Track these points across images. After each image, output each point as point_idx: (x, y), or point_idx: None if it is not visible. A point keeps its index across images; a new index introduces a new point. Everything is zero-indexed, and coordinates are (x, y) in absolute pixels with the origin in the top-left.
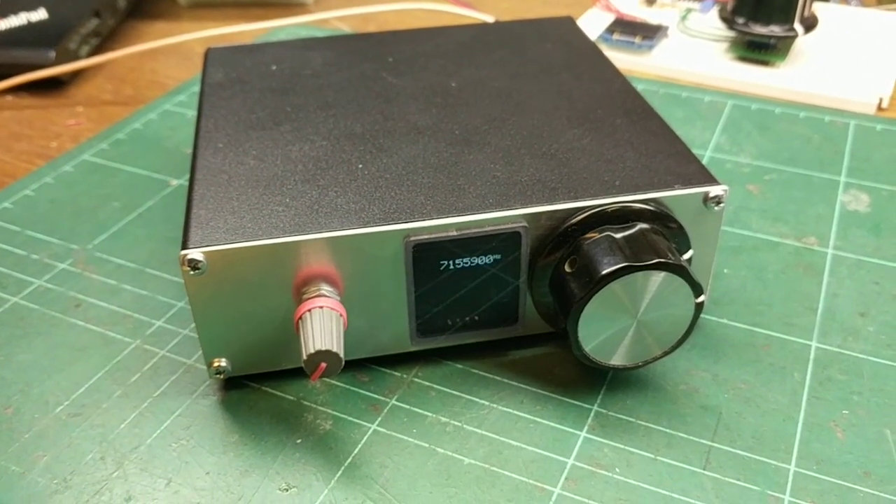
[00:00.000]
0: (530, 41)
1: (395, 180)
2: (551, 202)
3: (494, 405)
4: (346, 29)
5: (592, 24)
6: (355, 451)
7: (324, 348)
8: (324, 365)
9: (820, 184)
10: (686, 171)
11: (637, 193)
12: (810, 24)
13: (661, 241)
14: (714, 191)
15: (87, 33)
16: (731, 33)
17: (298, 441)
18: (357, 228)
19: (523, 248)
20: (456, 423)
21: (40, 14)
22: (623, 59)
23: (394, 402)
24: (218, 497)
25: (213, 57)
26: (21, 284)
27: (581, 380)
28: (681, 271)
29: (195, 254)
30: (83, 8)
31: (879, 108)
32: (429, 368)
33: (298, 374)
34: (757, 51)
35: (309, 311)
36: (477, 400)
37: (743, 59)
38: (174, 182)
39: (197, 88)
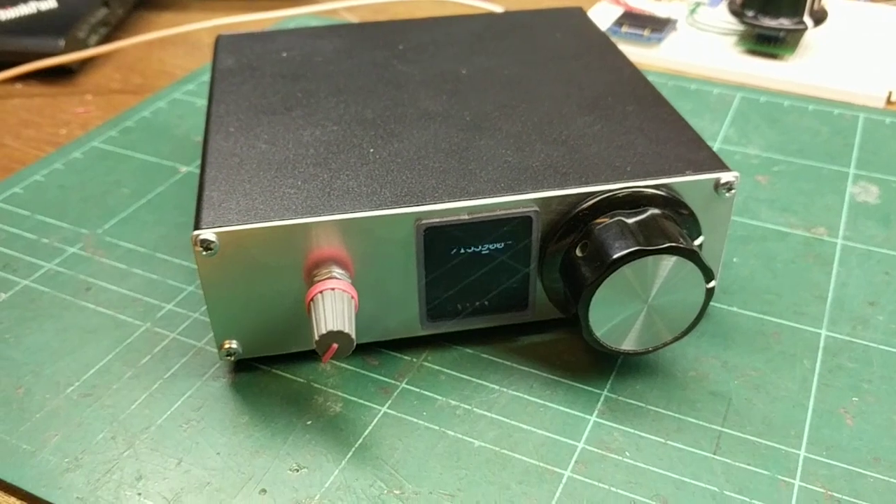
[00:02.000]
0: (540, 30)
1: (406, 164)
2: (562, 187)
3: (504, 389)
4: (355, 20)
5: (601, 17)
6: (365, 433)
7: (336, 329)
8: (335, 346)
9: (829, 175)
10: (697, 158)
11: (648, 179)
12: (820, 17)
13: (673, 227)
14: (725, 177)
15: (97, 22)
16: (741, 26)
17: (309, 423)
18: (368, 211)
19: (534, 233)
20: (466, 406)
21: (50, 3)
22: (632, 52)
23: (404, 385)
24: (228, 477)
25: (224, 43)
26: (32, 268)
27: (591, 365)
28: (692, 256)
29: (208, 234)
30: None
31: (888, 102)
32: (439, 353)
33: (308, 356)
34: (766, 44)
35: (321, 292)
36: (487, 384)
37: (752, 52)
38: (183, 169)
39: (205, 78)
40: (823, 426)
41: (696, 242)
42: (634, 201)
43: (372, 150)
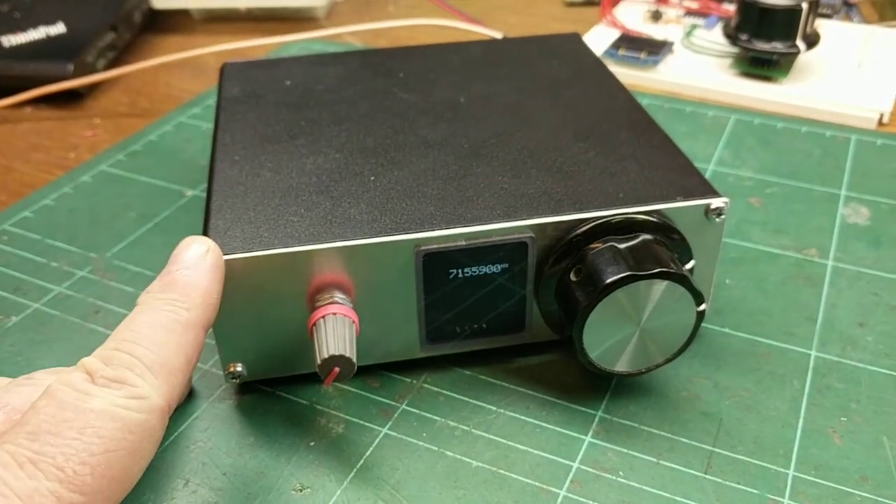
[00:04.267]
0: (537, 57)
1: (405, 192)
2: (557, 213)
3: (502, 410)
4: (358, 44)
5: (599, 40)
6: (367, 454)
7: (337, 353)
8: (337, 369)
9: (821, 197)
10: (688, 184)
11: (640, 205)
12: (812, 40)
13: (664, 252)
14: (715, 203)
15: (104, 47)
16: (735, 49)
17: (312, 444)
18: (369, 238)
19: (530, 258)
20: (464, 427)
21: (59, 28)
22: (628, 75)
23: (404, 406)
24: (234, 497)
25: (230, 71)
26: (41, 291)
27: (586, 386)
28: (682, 280)
29: None
30: (100, 22)
31: (880, 124)
32: (438, 374)
33: (311, 379)
34: (760, 66)
35: (323, 317)
36: (484, 405)
37: (746, 74)
38: (189, 192)
39: (211, 101)
40: (812, 445)
41: (687, 266)
42: (627, 227)
43: (373, 178)
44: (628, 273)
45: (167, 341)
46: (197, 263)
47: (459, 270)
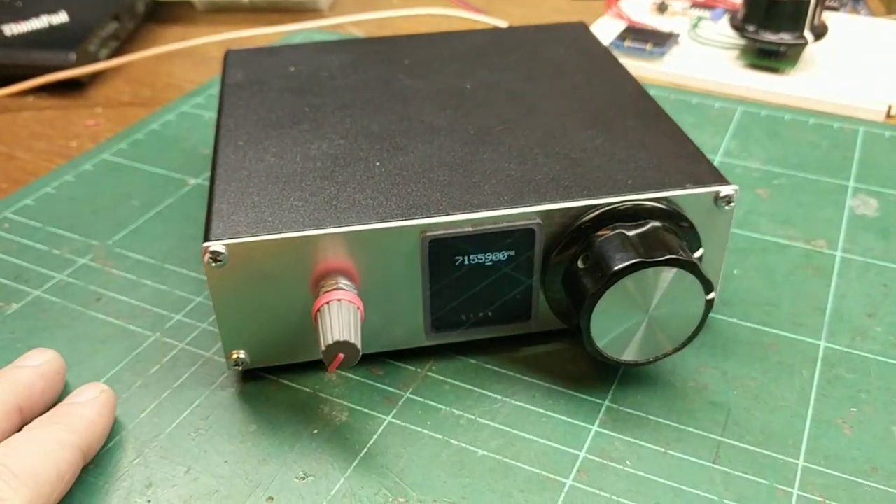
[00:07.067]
0: (544, 45)
1: (411, 177)
2: (565, 200)
3: (507, 399)
4: (361, 34)
5: (604, 32)
6: (371, 442)
7: (342, 339)
8: (341, 356)
9: (828, 189)
10: (697, 171)
11: (649, 192)
12: (820, 32)
13: (673, 239)
14: (725, 190)
15: (107, 36)
16: (742, 41)
17: (315, 432)
18: (374, 223)
19: (537, 245)
20: (469, 416)
21: (61, 17)
22: (634, 66)
23: (408, 395)
24: (236, 484)
25: (233, 58)
26: (43, 278)
27: (593, 375)
28: (692, 268)
29: (217, 246)
30: (103, 12)
31: (888, 116)
32: (443, 363)
33: (315, 366)
34: (767, 58)
35: (327, 303)
36: (490, 394)
37: (753, 66)
38: (192, 181)
39: (213, 91)
40: (821, 436)
41: (696, 255)
42: (635, 214)
43: (378, 164)
44: (637, 260)
45: (39, 451)
46: (88, 398)
47: (466, 257)
